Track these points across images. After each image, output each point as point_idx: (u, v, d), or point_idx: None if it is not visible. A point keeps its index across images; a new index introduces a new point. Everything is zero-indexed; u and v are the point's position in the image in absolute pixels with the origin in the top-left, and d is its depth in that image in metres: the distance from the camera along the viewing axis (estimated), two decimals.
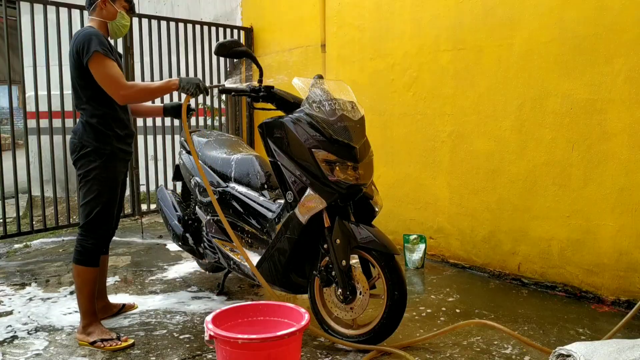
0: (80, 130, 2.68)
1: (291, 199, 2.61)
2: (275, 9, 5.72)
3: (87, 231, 2.69)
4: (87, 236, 2.69)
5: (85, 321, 2.70)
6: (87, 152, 2.65)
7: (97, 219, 2.69)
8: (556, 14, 3.29)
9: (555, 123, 3.34)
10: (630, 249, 3.05)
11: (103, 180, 2.68)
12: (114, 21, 2.74)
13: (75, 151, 2.69)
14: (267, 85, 2.73)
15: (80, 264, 2.67)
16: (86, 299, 2.70)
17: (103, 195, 2.69)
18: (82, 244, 2.69)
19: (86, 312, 2.70)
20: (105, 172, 2.69)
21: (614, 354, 1.84)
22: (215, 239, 3.19)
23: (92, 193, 2.67)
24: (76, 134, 2.69)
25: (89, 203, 2.67)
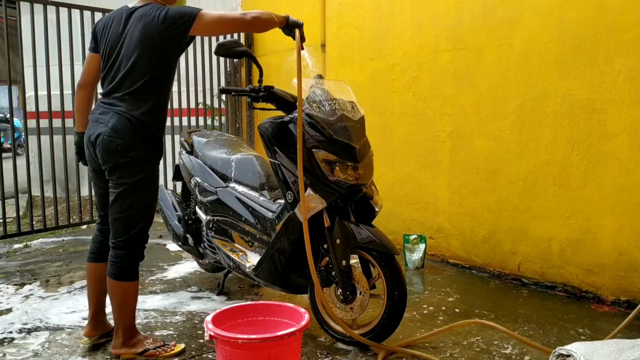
0: (128, 129, 2.32)
1: (291, 199, 2.61)
2: (275, 9, 5.69)
3: (131, 246, 2.42)
4: (130, 251, 2.42)
5: (127, 334, 2.50)
6: (136, 158, 2.34)
7: (142, 234, 2.45)
8: (556, 14, 3.29)
9: (555, 123, 3.34)
10: (630, 249, 3.05)
11: (152, 189, 2.44)
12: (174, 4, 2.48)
13: (119, 154, 2.32)
14: (267, 86, 2.73)
15: (125, 280, 2.43)
16: (130, 314, 2.50)
17: (151, 206, 2.45)
18: (124, 258, 2.42)
19: (129, 326, 2.51)
20: (155, 182, 2.45)
21: (614, 354, 1.84)
22: (216, 239, 3.20)
23: (139, 204, 2.39)
24: (119, 133, 2.32)
25: (135, 217, 2.39)
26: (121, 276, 2.42)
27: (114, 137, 2.31)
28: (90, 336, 2.62)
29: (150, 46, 2.32)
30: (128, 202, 2.37)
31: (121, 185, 2.36)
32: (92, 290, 2.62)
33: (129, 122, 2.32)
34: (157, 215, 5.58)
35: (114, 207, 2.39)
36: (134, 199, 2.37)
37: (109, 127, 2.32)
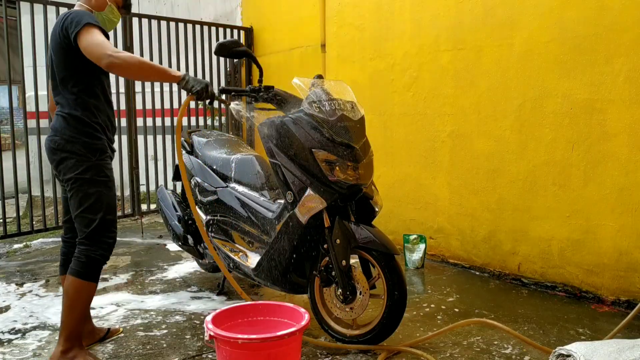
0: (62, 125, 2.33)
1: (291, 199, 2.61)
2: (275, 9, 5.72)
3: (93, 241, 2.35)
4: (92, 247, 2.35)
5: (68, 344, 2.33)
6: (75, 151, 2.32)
7: (102, 227, 2.36)
8: (556, 14, 3.29)
9: (555, 123, 3.34)
10: (630, 249, 3.05)
11: (102, 180, 2.37)
12: (101, 12, 2.46)
13: (59, 150, 2.33)
14: (267, 86, 2.73)
15: (81, 277, 2.32)
16: (76, 319, 2.34)
17: (104, 197, 2.37)
18: (87, 254, 2.34)
19: (71, 334, 2.33)
20: (101, 171, 2.37)
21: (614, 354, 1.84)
22: (216, 239, 3.20)
23: (90, 198, 2.33)
24: (56, 131, 2.33)
25: (89, 210, 2.34)
26: (78, 273, 2.32)
27: (52, 136, 2.36)
28: None
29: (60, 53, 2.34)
30: (79, 197, 2.34)
31: (67, 182, 2.35)
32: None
33: (64, 119, 2.35)
34: (157, 215, 5.62)
35: (71, 206, 2.39)
36: (84, 194, 2.33)
37: (51, 129, 2.39)
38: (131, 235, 5.01)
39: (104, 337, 2.69)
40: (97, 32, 2.24)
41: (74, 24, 2.25)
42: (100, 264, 2.39)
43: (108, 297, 3.34)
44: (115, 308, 3.17)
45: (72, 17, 2.28)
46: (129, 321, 2.97)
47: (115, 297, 3.35)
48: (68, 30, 2.26)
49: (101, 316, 3.03)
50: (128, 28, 5.36)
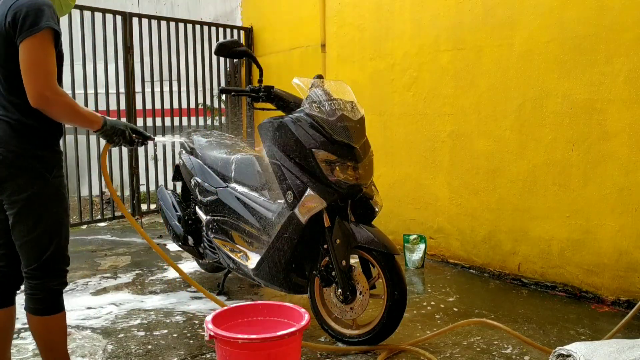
0: (9, 134, 1.87)
1: (291, 199, 2.61)
2: (275, 9, 5.72)
3: (48, 272, 1.95)
4: (48, 278, 1.95)
5: None
6: (27, 166, 1.88)
7: (59, 253, 1.98)
8: (556, 14, 3.29)
9: (555, 123, 3.34)
10: (630, 249, 3.05)
11: (58, 201, 1.97)
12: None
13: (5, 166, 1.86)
14: (267, 86, 2.73)
15: (47, 314, 1.96)
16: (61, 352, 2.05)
17: (62, 220, 1.98)
18: (45, 289, 1.95)
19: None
20: (58, 191, 1.97)
21: (614, 354, 1.84)
22: (216, 239, 3.19)
23: (44, 221, 1.93)
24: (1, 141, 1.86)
25: (43, 237, 1.93)
26: (42, 310, 1.96)
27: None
28: None
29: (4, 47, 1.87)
30: (30, 222, 1.91)
31: (16, 203, 1.90)
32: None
33: (9, 126, 1.88)
34: (157, 215, 5.62)
35: (15, 232, 1.93)
36: (37, 217, 1.92)
37: None
38: (131, 235, 5.01)
39: None
40: (50, 48, 1.84)
41: (29, 21, 1.80)
42: (61, 292, 2.02)
43: (108, 297, 3.34)
44: (115, 308, 3.17)
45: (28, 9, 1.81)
46: (129, 321, 2.97)
47: (115, 297, 3.35)
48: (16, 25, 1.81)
49: (101, 316, 3.03)
50: (128, 28, 5.36)
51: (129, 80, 5.39)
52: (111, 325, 2.90)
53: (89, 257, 4.30)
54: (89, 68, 5.09)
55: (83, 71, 5.06)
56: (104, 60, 5.20)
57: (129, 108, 5.44)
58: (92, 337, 2.75)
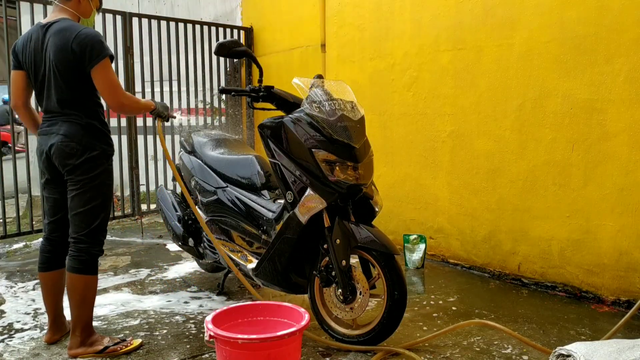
0: (80, 132, 2.48)
1: (291, 199, 2.61)
2: (275, 9, 5.72)
3: (94, 239, 2.53)
4: (93, 244, 2.52)
5: (85, 333, 2.53)
6: (93, 156, 2.49)
7: (103, 226, 2.57)
8: (556, 14, 3.29)
9: (555, 123, 3.34)
10: (630, 249, 3.05)
11: (108, 184, 2.58)
12: (86, 20, 2.63)
13: (76, 155, 2.47)
14: (267, 86, 2.73)
15: (88, 273, 2.51)
16: (89, 310, 2.54)
17: (108, 200, 2.58)
18: (89, 252, 2.51)
19: (87, 324, 2.54)
20: (110, 176, 2.60)
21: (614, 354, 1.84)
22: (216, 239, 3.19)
23: (97, 199, 2.51)
24: (73, 137, 2.47)
25: (95, 210, 2.51)
26: (84, 270, 2.49)
27: (67, 142, 2.46)
28: (52, 342, 2.66)
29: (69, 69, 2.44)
30: (87, 196, 2.49)
31: (80, 182, 2.49)
32: (49, 298, 2.66)
33: (80, 126, 2.49)
34: (157, 215, 5.62)
35: (74, 203, 2.51)
36: (93, 194, 2.50)
37: (61, 134, 2.47)
38: (131, 235, 5.01)
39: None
40: (111, 68, 2.48)
41: (95, 52, 2.40)
42: (97, 259, 2.57)
43: (108, 297, 3.34)
44: (115, 308, 3.17)
45: (91, 41, 2.40)
46: (129, 321, 2.97)
47: (115, 297, 3.35)
48: (84, 54, 2.40)
49: (101, 316, 3.03)
50: (128, 28, 5.36)
51: (129, 80, 5.39)
52: (111, 326, 2.90)
53: None
54: None
55: None
56: None
57: None
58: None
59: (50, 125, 2.51)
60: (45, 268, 2.65)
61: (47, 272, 2.65)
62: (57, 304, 2.68)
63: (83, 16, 2.61)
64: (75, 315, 2.51)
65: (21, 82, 2.58)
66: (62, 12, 2.54)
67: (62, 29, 2.44)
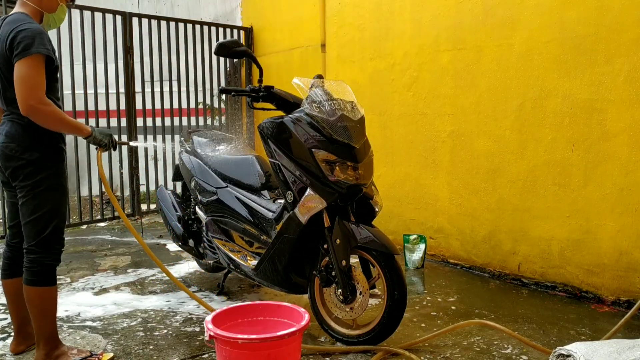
0: (20, 133, 2.27)
1: (291, 199, 2.61)
2: (275, 9, 5.72)
3: (46, 249, 2.32)
4: (45, 254, 2.32)
5: (48, 347, 2.37)
6: (34, 159, 2.26)
7: (56, 234, 2.35)
8: (556, 14, 3.29)
9: (555, 123, 3.34)
10: (630, 249, 3.05)
11: (57, 188, 2.34)
12: (52, 14, 2.39)
13: (15, 158, 2.26)
14: (267, 86, 2.73)
15: (42, 285, 2.31)
16: (51, 322, 2.37)
17: (60, 206, 2.35)
18: (41, 263, 2.31)
19: (50, 336, 2.37)
20: (59, 180, 2.35)
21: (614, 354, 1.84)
22: (215, 239, 3.19)
23: (45, 206, 2.29)
24: (13, 138, 2.26)
25: (43, 218, 2.29)
26: (38, 281, 2.31)
27: (7, 142, 2.28)
28: (17, 352, 2.54)
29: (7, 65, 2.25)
30: (33, 204, 2.29)
31: (24, 188, 2.29)
32: (12, 306, 2.52)
33: (20, 126, 2.28)
34: (157, 215, 5.62)
35: (22, 211, 2.33)
36: (39, 201, 2.30)
37: (3, 135, 2.30)
38: (131, 235, 5.01)
39: None
40: (40, 68, 2.19)
41: (25, 45, 2.16)
42: (55, 268, 2.37)
43: (108, 297, 3.34)
44: (115, 308, 3.17)
45: (22, 37, 2.17)
46: (129, 321, 2.97)
47: (115, 297, 3.35)
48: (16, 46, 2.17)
49: (101, 316, 3.03)
50: (128, 28, 5.37)
51: (129, 80, 5.39)
52: (111, 325, 2.90)
53: (89, 257, 4.31)
54: (89, 68, 5.09)
55: (83, 71, 5.07)
56: (104, 60, 5.20)
57: (128, 108, 5.44)
58: (92, 337, 2.75)
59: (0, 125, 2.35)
60: (7, 275, 2.50)
61: (9, 280, 2.50)
62: (21, 313, 2.51)
63: (46, 11, 2.37)
64: (37, 328, 2.35)
65: None
66: (22, 6, 2.34)
67: (10, 21, 2.25)
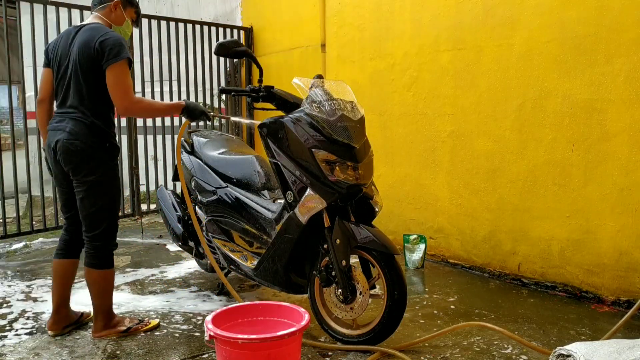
0: (84, 131, 2.56)
1: (291, 199, 2.61)
2: (275, 9, 5.72)
3: (106, 236, 2.66)
4: (107, 241, 2.67)
5: (107, 318, 2.73)
6: (97, 156, 2.57)
7: (113, 224, 2.70)
8: (556, 14, 3.29)
9: (555, 123, 3.34)
10: (630, 249, 3.05)
11: (116, 183, 2.67)
12: (119, 27, 2.77)
13: (80, 154, 2.55)
14: (267, 86, 2.73)
15: (106, 267, 2.67)
16: (110, 298, 2.74)
17: (117, 198, 2.68)
18: (105, 248, 2.66)
19: (108, 309, 2.74)
20: (116, 175, 2.68)
21: (614, 354, 1.84)
22: (215, 239, 3.19)
23: (106, 197, 2.63)
24: (77, 136, 2.55)
25: (103, 210, 2.63)
26: (101, 264, 2.66)
27: (72, 140, 2.54)
28: (54, 330, 2.76)
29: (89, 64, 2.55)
30: (94, 198, 2.59)
31: (86, 183, 2.58)
32: (57, 285, 2.77)
33: (85, 125, 2.56)
34: (157, 215, 5.62)
35: (83, 205, 2.62)
36: (99, 194, 2.60)
37: (67, 132, 2.56)
38: (131, 235, 5.01)
39: (77, 321, 2.88)
40: (128, 72, 2.56)
41: (114, 52, 2.50)
42: (113, 252, 2.73)
43: None
44: (115, 308, 3.16)
45: (113, 42, 2.52)
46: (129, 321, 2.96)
47: (115, 297, 3.32)
48: (104, 53, 2.51)
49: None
50: None
51: None
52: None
53: None
54: None
55: None
56: None
57: None
58: (91, 337, 2.75)
59: (59, 122, 2.61)
60: (61, 255, 2.78)
61: (61, 260, 2.77)
62: (63, 293, 2.77)
63: (115, 24, 2.74)
64: (97, 305, 2.70)
65: (48, 78, 2.72)
66: (96, 18, 2.72)
67: (91, 28, 2.60)
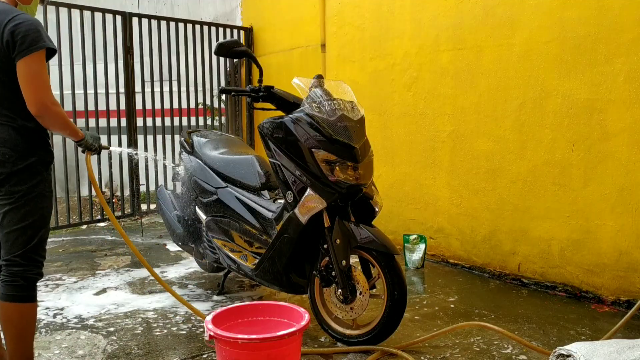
0: (14, 137, 2.07)
1: (291, 199, 2.61)
2: (275, 9, 5.72)
3: (30, 260, 2.11)
4: (29, 266, 2.11)
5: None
6: (29, 164, 2.09)
7: (41, 245, 2.16)
8: (556, 14, 3.29)
9: (555, 123, 3.34)
10: (630, 249, 3.05)
11: (48, 195, 2.18)
12: (27, 5, 2.22)
13: (9, 163, 2.06)
14: (267, 86, 2.73)
15: (25, 301, 2.09)
16: (30, 343, 2.14)
17: (49, 214, 2.19)
18: (24, 275, 2.09)
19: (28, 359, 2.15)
20: (49, 186, 2.19)
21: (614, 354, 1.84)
22: (215, 239, 3.20)
23: (35, 213, 2.11)
24: (6, 142, 2.06)
25: (32, 226, 2.11)
26: (20, 297, 2.08)
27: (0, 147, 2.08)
28: None
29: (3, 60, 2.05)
30: (23, 211, 2.10)
31: (14, 194, 2.09)
32: None
33: (15, 130, 2.09)
34: (157, 215, 5.62)
35: (7, 219, 2.10)
36: (30, 208, 2.11)
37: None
38: (131, 236, 5.01)
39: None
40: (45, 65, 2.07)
41: (29, 41, 2.00)
42: (36, 284, 2.16)
43: (108, 297, 3.34)
44: (115, 308, 3.17)
45: (27, 30, 2.01)
46: (129, 321, 2.97)
47: (115, 297, 3.35)
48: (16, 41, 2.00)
49: (101, 316, 3.03)
50: (128, 28, 5.36)
51: (129, 80, 5.39)
52: (111, 326, 2.90)
53: (89, 257, 4.30)
54: (89, 68, 5.09)
55: (83, 71, 5.07)
56: (104, 60, 5.20)
57: (128, 108, 5.44)
58: (91, 337, 2.75)
59: None
60: None
61: None
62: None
63: (21, 2, 2.20)
64: (11, 350, 2.10)
65: None
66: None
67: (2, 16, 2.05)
